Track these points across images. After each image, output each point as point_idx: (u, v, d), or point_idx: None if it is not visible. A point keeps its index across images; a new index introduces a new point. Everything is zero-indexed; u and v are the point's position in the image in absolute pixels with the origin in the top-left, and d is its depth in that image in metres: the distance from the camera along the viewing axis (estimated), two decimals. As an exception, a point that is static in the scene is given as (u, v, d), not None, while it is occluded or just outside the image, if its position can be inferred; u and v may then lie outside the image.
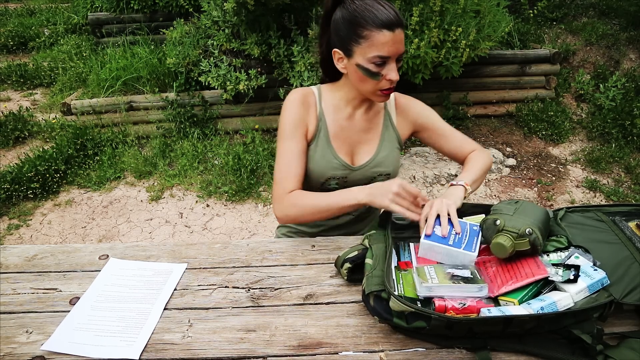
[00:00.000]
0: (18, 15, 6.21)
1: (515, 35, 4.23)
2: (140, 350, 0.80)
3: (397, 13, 1.00)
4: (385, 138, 1.21)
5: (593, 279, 0.78)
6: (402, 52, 1.02)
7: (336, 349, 0.80)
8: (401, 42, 1.01)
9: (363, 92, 1.10)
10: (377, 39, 0.98)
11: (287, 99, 1.16)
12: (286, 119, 1.13)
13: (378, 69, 1.02)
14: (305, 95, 1.16)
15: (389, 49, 0.99)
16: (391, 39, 0.98)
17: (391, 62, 1.02)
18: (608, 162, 3.45)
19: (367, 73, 1.03)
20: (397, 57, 1.02)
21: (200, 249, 1.08)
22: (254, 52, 3.34)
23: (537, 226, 0.85)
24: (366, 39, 0.99)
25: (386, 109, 1.22)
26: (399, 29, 0.99)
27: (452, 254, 0.90)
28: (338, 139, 1.17)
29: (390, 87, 1.05)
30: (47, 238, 2.79)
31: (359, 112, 1.19)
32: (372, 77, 1.03)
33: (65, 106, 3.82)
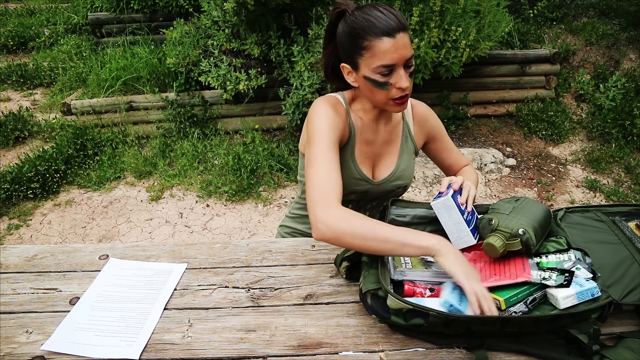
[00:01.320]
0: (18, 15, 6.21)
1: (515, 35, 4.23)
2: (140, 350, 0.80)
3: (398, 17, 0.95)
4: (404, 150, 1.19)
5: (583, 287, 0.77)
6: (408, 57, 0.97)
7: (336, 349, 0.80)
8: (405, 47, 0.95)
9: (377, 103, 1.05)
10: (378, 48, 0.94)
11: (318, 105, 1.07)
12: (325, 124, 1.02)
13: (385, 78, 0.97)
14: (335, 104, 1.09)
15: (392, 57, 0.94)
16: (392, 45, 0.94)
17: (398, 69, 0.97)
18: (608, 162, 3.45)
19: (375, 84, 0.98)
20: (404, 62, 0.97)
21: (200, 249, 1.09)
22: (254, 52, 3.34)
23: (532, 226, 0.85)
24: (368, 49, 0.95)
25: (404, 120, 1.20)
26: (401, 33, 0.94)
27: (460, 227, 0.90)
28: (361, 153, 1.14)
29: (403, 95, 1.00)
30: (47, 238, 2.79)
31: (381, 123, 1.15)
32: (381, 88, 0.98)
33: (65, 106, 3.82)
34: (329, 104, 1.07)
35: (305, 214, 1.33)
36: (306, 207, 1.29)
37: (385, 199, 1.17)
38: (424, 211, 1.06)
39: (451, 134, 3.84)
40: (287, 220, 1.40)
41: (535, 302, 0.80)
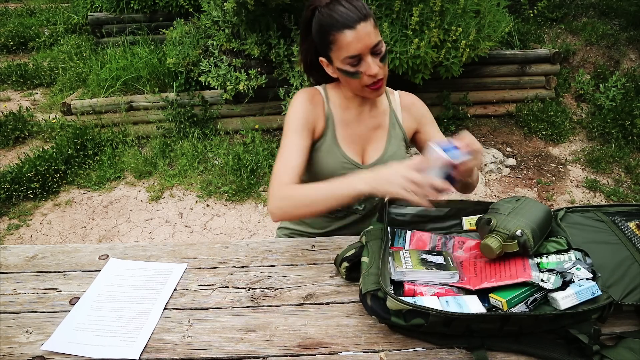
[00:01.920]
0: (18, 15, 6.21)
1: (515, 35, 4.23)
2: (140, 350, 0.80)
3: (359, 7, 0.99)
4: (392, 135, 1.20)
5: (582, 287, 0.78)
6: (373, 44, 1.00)
7: (336, 349, 0.80)
8: (368, 35, 0.98)
9: (355, 92, 1.11)
10: (341, 40, 0.99)
11: (295, 97, 1.15)
12: (293, 115, 1.11)
13: (355, 68, 1.02)
14: (313, 95, 1.16)
15: (356, 47, 0.99)
16: (354, 36, 0.98)
17: (365, 58, 1.01)
18: (608, 162, 3.45)
19: (347, 74, 1.04)
20: (370, 50, 1.00)
21: (200, 249, 1.09)
22: (254, 52, 3.34)
23: (530, 227, 0.85)
24: (334, 43, 1.01)
25: (391, 107, 1.22)
26: (362, 23, 0.97)
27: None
28: (346, 139, 1.17)
29: (375, 82, 1.04)
30: (47, 238, 2.79)
31: (365, 110, 1.19)
32: (353, 77, 1.03)
33: (65, 106, 3.82)
34: (303, 95, 1.14)
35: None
36: None
37: None
38: (423, 210, 1.06)
39: (451, 134, 3.84)
40: (285, 222, 1.41)
41: (535, 302, 0.80)
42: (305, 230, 1.33)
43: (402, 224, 1.06)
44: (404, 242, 1.00)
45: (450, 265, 0.88)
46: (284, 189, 1.01)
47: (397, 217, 1.06)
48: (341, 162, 1.15)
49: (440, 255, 0.91)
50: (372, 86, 1.05)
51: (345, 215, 1.26)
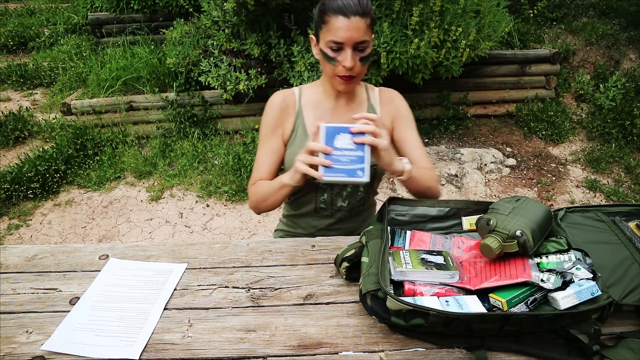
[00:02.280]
0: (18, 15, 6.21)
1: (515, 35, 4.23)
2: (140, 350, 0.80)
3: (361, 2, 1.01)
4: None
5: (582, 287, 0.78)
6: (358, 41, 1.03)
7: (336, 349, 0.80)
8: (357, 30, 1.01)
9: (326, 76, 1.14)
10: (332, 24, 1.02)
11: (268, 102, 1.22)
12: (263, 121, 1.22)
13: (334, 54, 1.05)
14: (284, 97, 1.21)
15: (342, 35, 1.02)
16: (345, 25, 1.01)
17: (347, 49, 1.03)
18: (608, 162, 3.45)
19: (325, 57, 1.07)
20: (354, 45, 1.03)
21: (200, 249, 1.09)
22: (254, 52, 3.34)
23: (530, 227, 0.85)
24: (326, 23, 1.04)
25: (369, 102, 1.23)
26: (357, 17, 1.01)
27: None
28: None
29: (347, 75, 1.07)
30: (47, 238, 2.79)
31: (340, 104, 1.20)
32: (329, 62, 1.07)
33: (65, 106, 3.82)
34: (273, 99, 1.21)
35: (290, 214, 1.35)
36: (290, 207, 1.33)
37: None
38: (423, 209, 1.06)
39: (451, 134, 3.84)
40: (280, 225, 1.43)
41: (535, 302, 0.80)
42: (298, 232, 1.35)
43: (402, 224, 1.06)
44: (404, 242, 1.00)
45: (450, 265, 0.88)
46: (251, 188, 1.21)
47: (397, 217, 1.06)
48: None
49: (440, 255, 0.91)
50: (342, 77, 1.08)
51: (331, 213, 1.28)
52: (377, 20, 3.04)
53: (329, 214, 1.28)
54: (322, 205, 1.27)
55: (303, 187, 1.25)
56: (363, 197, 1.27)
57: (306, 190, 1.26)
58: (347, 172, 0.92)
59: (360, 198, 1.27)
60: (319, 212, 1.28)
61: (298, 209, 1.32)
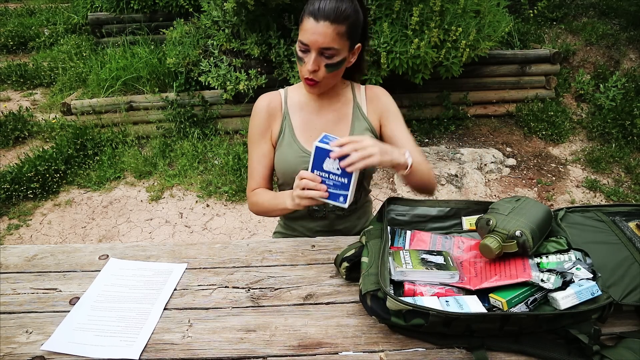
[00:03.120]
0: (18, 15, 6.21)
1: (515, 35, 4.23)
2: (140, 350, 0.80)
3: (337, 9, 0.99)
4: (355, 128, 1.20)
5: (582, 287, 0.78)
6: (323, 46, 1.01)
7: (336, 349, 0.80)
8: (323, 35, 0.99)
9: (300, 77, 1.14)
10: (304, 24, 1.03)
11: (254, 105, 1.22)
12: (251, 126, 1.22)
13: (302, 54, 1.05)
14: (270, 100, 1.21)
15: (308, 37, 1.01)
16: (312, 27, 1.00)
17: (312, 52, 1.03)
18: (608, 162, 3.45)
19: (296, 56, 1.08)
20: (319, 50, 1.02)
21: (200, 249, 1.09)
22: (254, 52, 3.34)
23: (530, 227, 0.85)
24: (301, 23, 1.04)
25: (355, 101, 1.22)
26: (327, 23, 0.99)
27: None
28: (305, 133, 1.19)
29: (310, 78, 1.06)
30: (47, 238, 2.79)
31: (325, 105, 1.20)
32: (299, 61, 1.07)
33: (65, 106, 3.82)
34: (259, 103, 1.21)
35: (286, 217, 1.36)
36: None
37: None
38: (423, 209, 1.06)
39: (451, 134, 3.84)
40: (278, 227, 1.44)
41: (535, 302, 0.80)
42: (295, 234, 1.36)
43: (402, 224, 1.06)
44: (404, 242, 1.00)
45: (450, 265, 0.88)
46: (251, 196, 1.23)
47: (397, 217, 1.06)
48: (300, 156, 1.17)
49: (440, 255, 0.91)
50: (307, 80, 1.08)
51: (325, 214, 1.28)
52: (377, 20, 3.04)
53: (323, 215, 1.28)
54: (314, 207, 1.27)
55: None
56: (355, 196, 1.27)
57: None
58: (331, 196, 0.94)
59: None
60: (312, 215, 1.29)
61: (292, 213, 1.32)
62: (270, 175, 1.25)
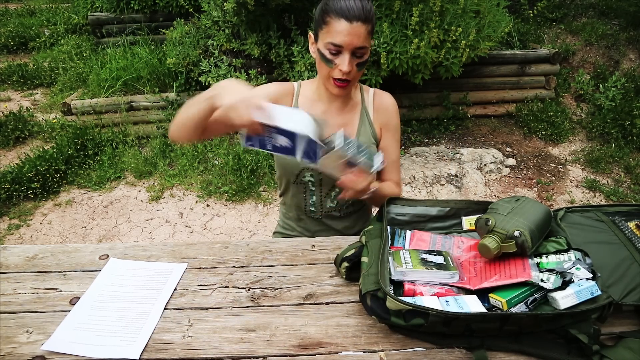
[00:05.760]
0: (18, 15, 6.21)
1: (515, 36, 4.23)
2: (140, 350, 0.80)
3: (364, 8, 1.00)
4: (361, 132, 1.21)
5: (581, 286, 0.78)
6: (357, 46, 1.02)
7: (336, 348, 0.80)
8: (357, 36, 1.01)
9: (321, 77, 1.12)
10: (334, 26, 1.01)
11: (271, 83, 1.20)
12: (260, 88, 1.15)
13: (332, 56, 1.04)
14: (285, 88, 1.20)
15: (343, 39, 1.01)
16: (346, 29, 1.00)
17: (345, 53, 1.03)
18: (608, 162, 3.45)
19: (323, 59, 1.06)
20: (353, 50, 1.02)
21: (200, 249, 1.09)
22: (254, 52, 3.34)
23: (528, 228, 0.85)
24: (327, 24, 1.03)
25: (363, 105, 1.22)
26: (359, 23, 1.00)
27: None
28: None
29: (342, 79, 1.06)
30: (47, 238, 2.79)
31: (334, 107, 1.20)
32: (327, 64, 1.06)
33: (66, 106, 3.82)
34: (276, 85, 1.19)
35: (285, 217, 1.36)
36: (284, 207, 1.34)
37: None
38: (423, 209, 1.06)
39: (451, 134, 3.84)
40: (277, 227, 1.44)
41: (535, 302, 0.80)
42: (294, 234, 1.36)
43: (402, 224, 1.06)
44: (404, 241, 1.00)
45: (450, 265, 0.88)
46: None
47: (397, 216, 1.06)
48: None
49: (440, 255, 0.91)
50: (337, 82, 1.07)
51: (322, 215, 1.29)
52: (377, 20, 3.04)
53: (320, 216, 1.29)
54: (311, 207, 1.27)
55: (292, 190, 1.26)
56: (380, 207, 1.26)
57: (295, 190, 1.26)
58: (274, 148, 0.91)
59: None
60: (309, 215, 1.29)
61: (289, 212, 1.33)
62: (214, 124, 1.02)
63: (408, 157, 3.49)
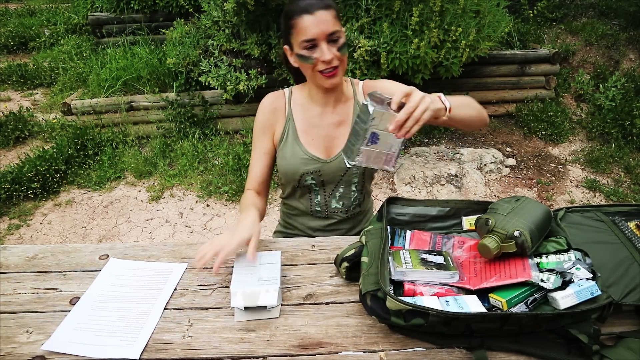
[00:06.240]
0: (18, 15, 6.22)
1: (515, 36, 4.23)
2: (140, 350, 0.80)
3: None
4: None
5: (581, 286, 0.78)
6: (329, 32, 1.03)
7: (336, 348, 0.80)
8: (325, 23, 1.03)
9: (310, 80, 1.14)
10: (300, 25, 1.04)
11: (260, 104, 1.23)
12: (255, 123, 1.24)
13: (310, 52, 1.05)
14: (275, 100, 1.22)
15: (312, 31, 1.03)
16: (312, 21, 1.02)
17: (321, 44, 1.04)
18: (608, 162, 3.45)
19: (302, 59, 1.08)
20: (327, 37, 1.04)
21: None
22: (254, 52, 3.34)
23: (528, 228, 0.85)
24: (294, 27, 1.05)
25: (356, 98, 1.23)
26: (321, 11, 1.02)
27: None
28: (308, 136, 1.20)
29: (329, 68, 1.06)
30: (47, 238, 2.79)
31: (328, 107, 1.20)
32: (307, 62, 1.07)
33: (66, 106, 3.82)
34: (264, 102, 1.23)
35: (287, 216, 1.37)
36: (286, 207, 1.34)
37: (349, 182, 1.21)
38: (423, 209, 1.06)
39: (451, 134, 3.84)
40: (278, 227, 1.45)
41: (535, 302, 0.80)
42: (295, 233, 1.37)
43: (402, 224, 1.06)
44: (404, 241, 1.00)
45: (450, 265, 0.88)
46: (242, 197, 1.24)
47: (397, 216, 1.06)
48: (303, 159, 1.18)
49: (440, 255, 0.91)
50: (325, 73, 1.07)
51: (327, 215, 1.29)
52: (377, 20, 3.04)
53: (324, 215, 1.29)
54: (317, 207, 1.27)
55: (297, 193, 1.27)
56: (357, 198, 1.28)
57: (300, 193, 1.26)
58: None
59: (354, 199, 1.27)
60: (314, 214, 1.29)
61: (293, 211, 1.33)
62: (266, 177, 1.25)
63: (408, 157, 3.49)
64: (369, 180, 1.30)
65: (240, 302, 0.84)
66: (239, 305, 0.85)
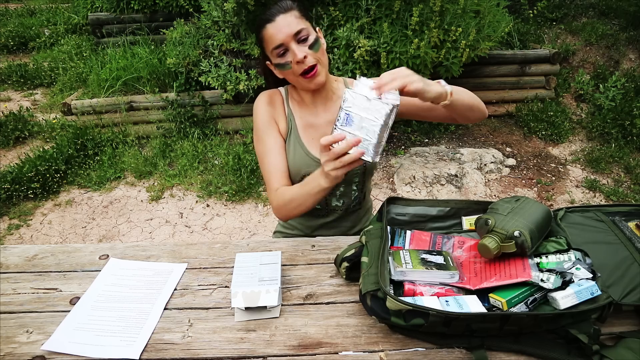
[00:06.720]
0: (18, 15, 6.22)
1: (515, 36, 4.23)
2: (140, 350, 0.80)
3: (280, 3, 1.04)
4: None
5: (581, 286, 0.78)
6: (294, 33, 1.03)
7: (336, 348, 0.80)
8: (287, 25, 1.03)
9: (295, 84, 1.14)
10: (266, 35, 1.06)
11: (255, 102, 1.20)
12: (258, 120, 1.18)
13: (283, 58, 1.06)
14: (272, 95, 1.21)
15: (278, 37, 1.03)
16: (275, 28, 1.03)
17: (290, 46, 1.04)
18: (608, 162, 3.45)
19: (279, 67, 1.08)
20: (293, 38, 1.03)
21: (200, 249, 1.09)
22: (254, 52, 3.34)
23: (528, 228, 0.85)
24: (263, 40, 1.07)
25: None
26: (281, 15, 1.03)
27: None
28: (308, 136, 1.19)
29: (306, 68, 1.05)
30: (47, 238, 2.79)
31: (319, 105, 1.20)
32: (284, 69, 1.07)
33: (66, 106, 3.82)
34: (262, 98, 1.19)
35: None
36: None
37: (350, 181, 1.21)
38: (423, 209, 1.06)
39: (451, 134, 3.84)
40: (278, 226, 1.44)
41: (535, 302, 0.80)
42: (295, 233, 1.36)
43: (402, 224, 1.06)
44: (404, 241, 1.00)
45: (450, 265, 0.88)
46: (276, 197, 1.12)
47: (397, 216, 1.06)
48: (305, 160, 1.18)
49: (440, 255, 0.91)
50: (305, 75, 1.06)
51: (327, 213, 1.29)
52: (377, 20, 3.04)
53: (324, 213, 1.29)
54: (317, 206, 1.27)
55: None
56: (358, 196, 1.28)
57: None
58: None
59: (355, 197, 1.27)
60: (314, 213, 1.29)
61: None
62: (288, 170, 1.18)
63: (408, 157, 3.49)
64: (369, 178, 1.30)
65: (241, 303, 0.84)
66: (240, 306, 0.85)
